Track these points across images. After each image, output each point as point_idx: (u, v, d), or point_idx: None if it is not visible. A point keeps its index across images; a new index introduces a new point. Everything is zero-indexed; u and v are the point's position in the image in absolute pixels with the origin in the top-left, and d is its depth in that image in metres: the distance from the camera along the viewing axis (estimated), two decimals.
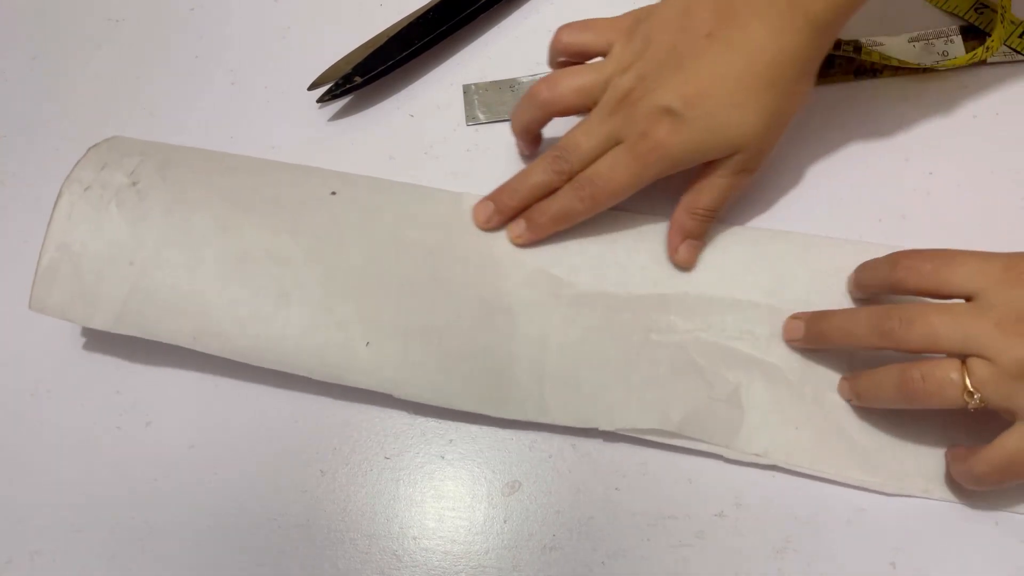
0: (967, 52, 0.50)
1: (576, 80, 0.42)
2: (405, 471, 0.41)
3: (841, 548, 0.39)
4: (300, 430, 0.42)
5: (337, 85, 0.49)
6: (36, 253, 0.46)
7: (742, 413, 0.41)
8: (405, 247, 0.44)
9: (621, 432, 0.41)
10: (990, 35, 0.50)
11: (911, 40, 0.51)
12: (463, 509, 0.41)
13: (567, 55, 0.44)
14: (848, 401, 0.41)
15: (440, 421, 0.42)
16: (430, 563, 0.39)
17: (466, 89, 0.50)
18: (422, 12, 0.51)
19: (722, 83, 0.39)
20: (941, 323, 0.37)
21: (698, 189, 0.42)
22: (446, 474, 0.41)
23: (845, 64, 0.50)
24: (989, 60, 0.50)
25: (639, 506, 0.40)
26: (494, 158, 0.49)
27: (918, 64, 0.50)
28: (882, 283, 0.41)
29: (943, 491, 0.40)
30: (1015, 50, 0.50)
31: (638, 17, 0.42)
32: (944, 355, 0.37)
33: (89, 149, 0.44)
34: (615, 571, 0.39)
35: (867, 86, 0.50)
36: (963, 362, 0.36)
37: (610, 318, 0.43)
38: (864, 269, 0.42)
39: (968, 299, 0.37)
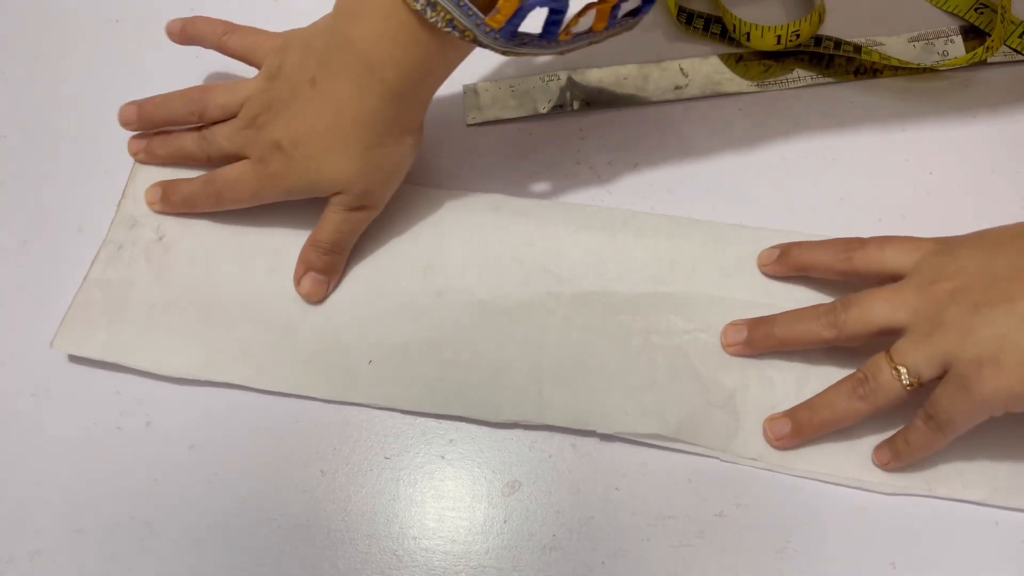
0: (967, 52, 0.50)
1: (222, 98, 0.45)
2: (405, 471, 0.41)
3: (841, 548, 0.39)
4: (300, 430, 0.42)
5: None
6: (36, 253, 0.46)
7: (737, 419, 0.41)
8: (402, 266, 0.45)
9: (619, 435, 0.41)
10: (990, 35, 0.50)
11: (911, 40, 0.51)
12: (463, 509, 0.41)
13: (223, 52, 0.47)
14: (778, 442, 0.41)
15: (440, 421, 0.42)
16: (430, 563, 0.39)
17: (466, 89, 0.50)
18: None
19: (318, 131, 0.42)
20: (872, 299, 0.39)
21: (319, 225, 0.44)
22: (446, 474, 0.41)
23: (845, 64, 0.50)
24: (989, 60, 0.50)
25: (639, 506, 0.40)
26: (493, 158, 0.49)
27: (918, 64, 0.50)
28: (827, 264, 0.42)
29: (946, 489, 0.40)
30: (1015, 50, 0.50)
31: (287, 40, 0.44)
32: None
33: (120, 201, 0.46)
34: (615, 571, 0.39)
35: (867, 86, 0.50)
36: (887, 350, 0.38)
37: (609, 319, 0.43)
38: (798, 248, 0.43)
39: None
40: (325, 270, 0.44)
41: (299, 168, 0.42)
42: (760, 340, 0.42)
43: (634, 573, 0.39)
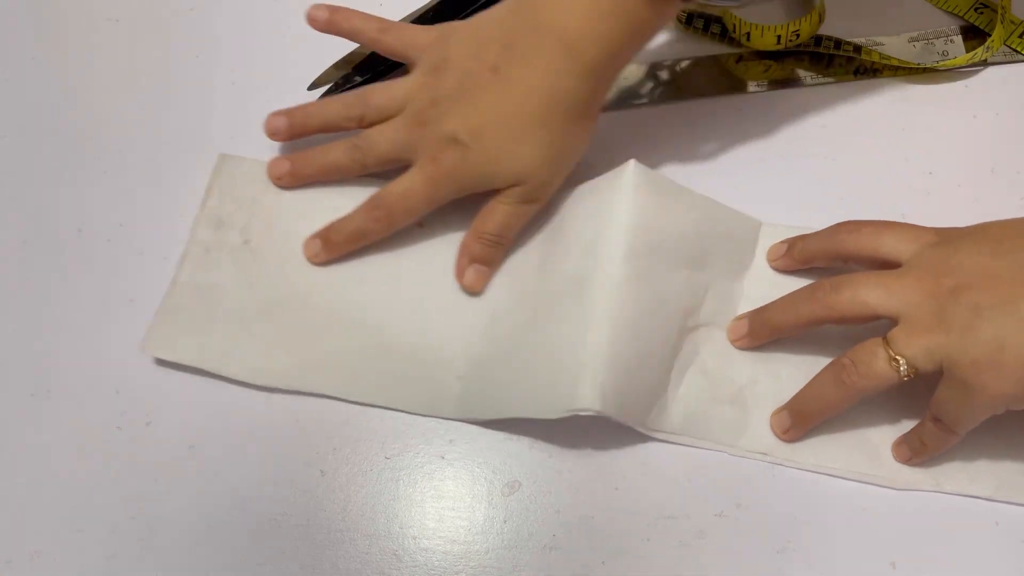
0: (967, 52, 0.51)
1: (379, 99, 0.44)
2: (405, 471, 0.41)
3: (841, 548, 0.39)
4: (300, 430, 0.42)
5: (337, 85, 0.49)
6: (35, 254, 0.46)
7: (746, 413, 0.41)
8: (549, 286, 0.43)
9: (628, 426, 0.40)
10: (990, 35, 0.50)
11: (911, 40, 0.51)
12: (463, 509, 0.41)
13: (377, 50, 0.46)
14: (785, 435, 0.41)
15: (440, 421, 0.42)
16: (430, 563, 0.39)
17: None
18: (422, 12, 0.50)
19: (502, 118, 0.41)
20: (866, 284, 0.38)
21: (485, 215, 0.43)
22: (446, 474, 0.41)
23: (845, 64, 0.51)
24: (989, 60, 0.50)
25: (639, 506, 0.40)
26: None
27: (918, 64, 0.50)
28: (825, 248, 0.42)
29: (953, 484, 0.40)
30: (1015, 50, 0.50)
31: (444, 33, 0.43)
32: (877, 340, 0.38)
33: (205, 199, 0.46)
34: (615, 571, 0.39)
35: (867, 86, 0.50)
36: (884, 337, 0.38)
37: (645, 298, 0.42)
38: (803, 239, 0.44)
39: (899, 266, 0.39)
40: (489, 261, 0.44)
41: (477, 160, 0.41)
42: (759, 330, 0.42)
43: (634, 573, 0.39)
